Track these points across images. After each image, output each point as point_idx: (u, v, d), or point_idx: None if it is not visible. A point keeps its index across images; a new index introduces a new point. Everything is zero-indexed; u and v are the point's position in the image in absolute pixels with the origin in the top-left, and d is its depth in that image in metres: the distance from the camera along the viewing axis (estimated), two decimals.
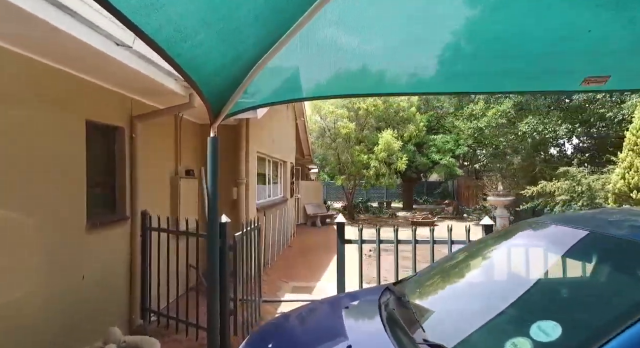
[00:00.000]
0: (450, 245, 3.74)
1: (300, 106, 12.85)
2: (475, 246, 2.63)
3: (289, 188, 11.68)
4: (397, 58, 2.29)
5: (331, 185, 26.81)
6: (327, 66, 2.45)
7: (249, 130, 6.45)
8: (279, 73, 2.66)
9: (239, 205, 6.19)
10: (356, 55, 2.26)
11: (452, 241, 3.77)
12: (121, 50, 2.87)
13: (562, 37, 1.97)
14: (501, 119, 11.58)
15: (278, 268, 7.69)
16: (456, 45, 2.07)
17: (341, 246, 3.82)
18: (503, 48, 2.09)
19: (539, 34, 1.98)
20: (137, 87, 3.91)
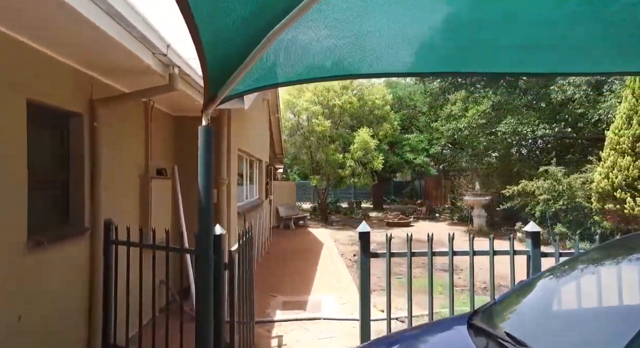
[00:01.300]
0: (492, 256, 3.17)
1: (275, 101, 12.03)
2: (581, 262, 2.04)
3: (264, 189, 10.83)
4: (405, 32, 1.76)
5: (300, 185, 26.07)
6: (349, 39, 1.90)
7: (231, 124, 5.60)
8: (292, 46, 2.04)
9: (220, 209, 5.32)
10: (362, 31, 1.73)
11: (494, 251, 3.20)
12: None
13: None
14: (481, 120, 11.45)
15: (261, 278, 6.85)
16: (461, 15, 1.54)
17: (365, 260, 3.13)
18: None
19: None
20: (101, 62, 3.00)
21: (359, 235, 3.15)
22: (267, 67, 2.44)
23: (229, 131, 5.50)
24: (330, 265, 8.18)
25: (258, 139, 9.33)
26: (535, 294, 1.89)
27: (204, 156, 2.69)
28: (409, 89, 19.65)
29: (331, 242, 11.36)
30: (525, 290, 1.95)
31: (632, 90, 8.32)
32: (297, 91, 15.56)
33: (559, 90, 10.45)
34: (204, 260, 2.75)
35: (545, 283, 1.96)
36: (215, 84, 2.28)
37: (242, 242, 3.38)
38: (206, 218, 2.64)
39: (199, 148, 2.66)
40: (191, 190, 5.29)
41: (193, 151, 2.23)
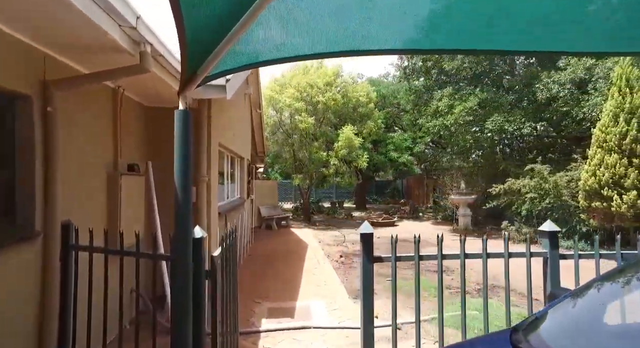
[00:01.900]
0: (507, 259, 2.86)
1: (257, 96, 11.55)
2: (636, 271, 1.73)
3: (246, 189, 10.34)
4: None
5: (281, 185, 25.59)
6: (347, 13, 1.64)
7: (212, 116, 5.14)
8: (281, 19, 1.75)
9: (199, 209, 4.85)
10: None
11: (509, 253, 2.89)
12: None
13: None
14: (468, 117, 11.33)
15: (243, 283, 6.40)
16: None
17: (368, 265, 2.77)
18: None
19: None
20: (55, 35, 2.51)
21: (361, 237, 2.79)
22: (252, 43, 2.12)
23: (209, 123, 5.04)
24: (316, 267, 7.80)
25: (240, 135, 8.86)
26: (585, 307, 1.58)
27: (182, 146, 2.31)
28: (392, 87, 19.51)
29: (315, 242, 10.98)
30: (571, 303, 1.63)
31: (618, 87, 8.32)
32: (279, 87, 15.10)
33: (544, 89, 10.44)
34: (181, 268, 2.35)
35: (595, 295, 1.64)
36: (194, 60, 1.98)
37: (225, 245, 2.95)
38: (184, 220, 2.27)
39: (175, 137, 2.29)
40: (167, 189, 4.81)
41: (169, 146, 1.87)
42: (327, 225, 15.16)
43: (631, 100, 8.08)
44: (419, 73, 14.87)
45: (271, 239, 11.65)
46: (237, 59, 2.34)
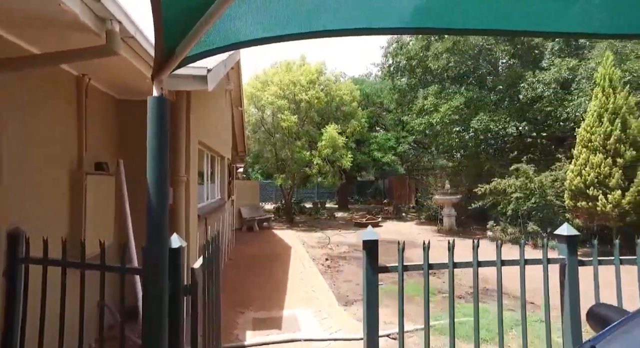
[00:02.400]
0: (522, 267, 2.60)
1: (238, 93, 11.09)
2: None
3: (227, 189, 9.89)
4: None
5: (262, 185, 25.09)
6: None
7: (191, 110, 4.72)
8: None
9: (177, 212, 4.43)
10: None
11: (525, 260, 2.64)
12: None
13: None
14: (454, 115, 11.24)
15: (225, 289, 5.99)
16: None
17: (372, 277, 2.44)
18: None
19: None
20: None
21: (364, 245, 2.46)
22: (237, 20, 1.78)
23: (188, 118, 4.62)
24: (302, 271, 7.46)
25: (221, 132, 8.41)
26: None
27: (156, 140, 1.93)
28: (375, 86, 19.36)
29: (299, 244, 10.64)
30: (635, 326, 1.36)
31: (602, 88, 8.35)
32: (261, 84, 14.66)
33: (529, 88, 10.45)
34: (155, 284, 1.95)
35: None
36: (172, 37, 1.58)
37: (207, 255, 2.58)
38: (158, 227, 1.89)
39: (148, 129, 1.90)
40: (142, 191, 4.37)
41: (144, 143, 1.52)
42: (310, 226, 14.83)
43: (614, 101, 8.13)
44: (403, 71, 14.74)
45: (253, 241, 11.22)
46: (222, 36, 1.98)
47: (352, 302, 5.63)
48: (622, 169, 7.86)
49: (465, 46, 10.93)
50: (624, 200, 7.71)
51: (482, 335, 4.36)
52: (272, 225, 14.68)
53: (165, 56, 2.08)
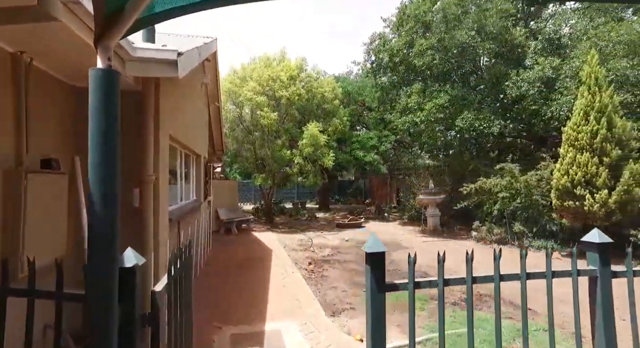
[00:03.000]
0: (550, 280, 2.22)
1: (215, 88, 10.48)
2: None
3: (203, 190, 9.27)
4: None
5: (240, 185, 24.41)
6: None
7: (160, 101, 4.17)
8: None
9: (143, 215, 3.88)
10: None
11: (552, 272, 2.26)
12: None
13: None
14: (439, 114, 11.01)
15: (200, 300, 5.45)
16: None
17: (378, 295, 1.99)
18: None
19: None
20: None
21: (367, 258, 2.02)
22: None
23: (157, 110, 4.08)
24: (284, 277, 6.98)
25: (196, 129, 7.82)
26: None
27: (100, 123, 1.50)
28: (357, 84, 19.04)
29: (280, 247, 10.15)
30: None
31: (587, 86, 8.27)
32: (239, 80, 14.05)
33: (513, 86, 10.34)
34: (100, 313, 1.50)
35: None
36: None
37: (175, 272, 2.08)
38: (104, 238, 1.55)
39: (90, 109, 1.52)
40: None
41: None
42: (291, 228, 14.34)
43: (600, 99, 8.06)
44: (385, 69, 14.46)
45: (232, 245, 10.65)
46: None
47: (339, 311, 5.20)
48: (609, 168, 7.79)
49: (451, 43, 10.73)
50: (610, 200, 7.64)
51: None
52: (251, 227, 14.11)
53: (111, 16, 1.59)
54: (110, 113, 1.49)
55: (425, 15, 12.30)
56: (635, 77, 8.59)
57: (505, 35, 10.88)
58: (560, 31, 10.79)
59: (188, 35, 7.45)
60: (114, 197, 1.49)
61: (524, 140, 12.89)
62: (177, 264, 2.14)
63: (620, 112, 8.27)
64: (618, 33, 9.17)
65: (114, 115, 1.51)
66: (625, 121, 8.12)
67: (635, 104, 8.70)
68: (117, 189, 1.49)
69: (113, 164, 1.51)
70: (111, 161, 1.50)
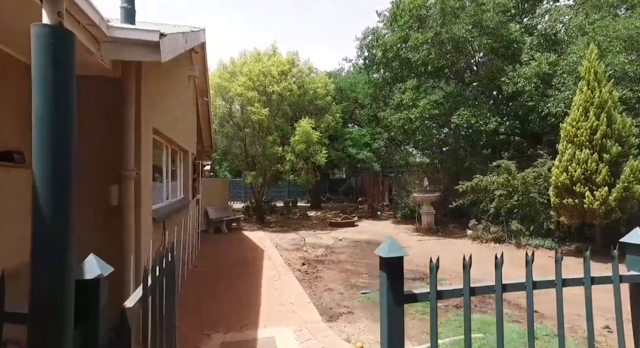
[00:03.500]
0: (588, 287, 1.94)
1: (203, 82, 10.07)
2: None
3: (191, 187, 8.88)
4: None
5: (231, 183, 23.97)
6: None
7: (142, 90, 3.80)
8: None
9: (123, 215, 3.52)
10: None
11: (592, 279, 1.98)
12: None
13: None
14: (434, 110, 10.77)
15: (188, 306, 5.09)
16: None
17: (395, 308, 1.67)
18: None
19: None
20: None
21: (382, 263, 1.70)
22: None
23: (138, 99, 3.71)
24: (276, 279, 6.65)
25: (183, 123, 7.43)
26: None
27: (46, 97, 1.23)
28: (349, 81, 18.74)
29: (272, 247, 9.80)
30: None
31: (587, 81, 8.11)
32: (229, 74, 13.63)
33: (509, 82, 10.16)
34: (48, 338, 1.17)
35: None
36: None
37: (151, 284, 1.74)
38: (52, 243, 1.18)
39: (33, 78, 1.21)
40: (81, 188, 3.46)
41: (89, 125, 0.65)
42: (283, 227, 14.00)
43: (600, 94, 7.90)
44: (378, 65, 14.19)
45: (221, 245, 10.27)
46: None
47: (337, 316, 4.90)
48: (609, 164, 7.64)
49: (447, 37, 10.48)
50: (610, 197, 7.48)
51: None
52: (241, 226, 13.72)
53: None
54: (60, 85, 1.16)
55: (420, 9, 12.05)
56: (634, 72, 8.46)
57: (501, 30, 10.68)
58: (556, 27, 10.63)
59: (174, 25, 7.05)
60: (66, 192, 1.16)
61: (517, 137, 12.76)
62: (155, 272, 1.80)
63: (619, 107, 8.13)
64: (615, 28, 9.04)
65: (66, 89, 1.17)
66: (625, 117, 7.98)
67: (634, 100, 8.57)
68: (69, 181, 1.16)
69: (67, 151, 1.18)
70: (64, 146, 1.17)
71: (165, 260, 2.02)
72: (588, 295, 1.91)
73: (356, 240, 10.84)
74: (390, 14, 13.43)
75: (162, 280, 1.91)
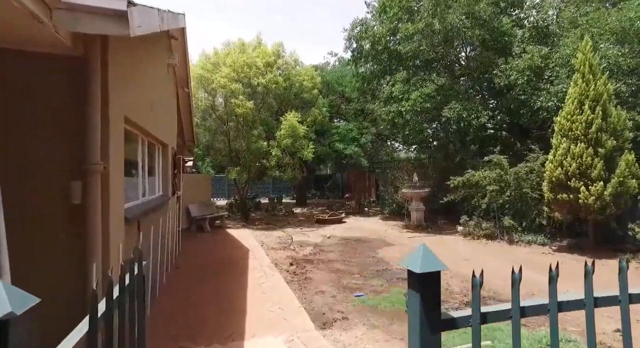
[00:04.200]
0: None
1: (184, 72, 9.49)
2: None
3: (171, 184, 8.33)
4: None
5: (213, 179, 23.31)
6: None
7: (111, 72, 3.30)
8: None
9: (87, 215, 3.04)
10: None
11: None
12: None
13: None
14: (425, 103, 10.47)
15: (164, 313, 4.63)
16: None
17: (431, 337, 1.29)
18: None
19: None
20: None
21: (414, 280, 1.32)
22: None
23: (104, 80, 3.20)
24: (263, 281, 6.23)
25: (162, 115, 6.88)
26: None
27: None
28: (336, 74, 18.32)
29: (258, 246, 9.36)
30: None
31: (581, 74, 7.93)
32: (212, 66, 13.02)
33: (502, 75, 9.94)
34: None
35: None
36: None
37: (108, 306, 1.31)
38: None
39: None
40: (36, 185, 2.99)
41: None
42: (268, 224, 13.55)
43: (595, 87, 7.73)
44: (366, 57, 13.81)
45: (204, 244, 9.77)
46: None
47: (331, 322, 4.51)
48: (604, 159, 7.49)
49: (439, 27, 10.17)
50: (605, 192, 7.34)
51: None
52: (225, 224, 13.20)
53: None
54: None
55: (410, 1, 11.72)
56: (627, 65, 8.33)
57: (493, 22, 10.45)
58: (548, 19, 10.47)
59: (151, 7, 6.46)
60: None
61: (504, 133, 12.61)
62: (124, 281, 1.36)
63: (614, 100, 8.00)
64: (607, 21, 8.91)
65: None
66: (620, 110, 7.84)
67: (627, 94, 8.46)
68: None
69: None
70: None
71: (128, 275, 1.58)
72: (625, 311, 1.56)
73: (345, 237, 10.49)
74: (379, 4, 13.06)
75: (123, 302, 1.48)
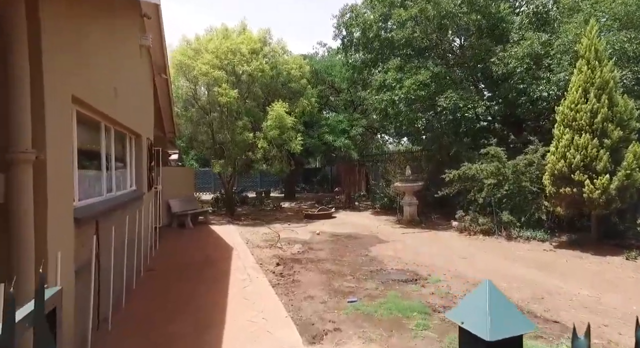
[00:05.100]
0: None
1: (160, 56, 8.73)
2: None
3: (146, 177, 7.63)
4: None
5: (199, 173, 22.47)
6: None
7: (44, 37, 2.63)
8: None
9: (15, 217, 2.39)
10: None
11: None
12: None
13: None
14: (420, 91, 9.93)
15: (135, 323, 3.99)
16: None
17: None
18: None
19: None
20: None
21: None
22: None
23: (37, 46, 2.54)
24: (247, 284, 5.63)
25: (133, 101, 6.17)
26: None
27: None
28: (325, 63, 17.64)
29: (243, 244, 8.74)
30: None
31: (586, 60, 7.47)
32: (193, 52, 12.22)
33: (500, 63, 9.45)
34: None
35: None
36: None
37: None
38: None
39: None
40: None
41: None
42: (254, 220, 12.91)
43: (601, 74, 7.28)
44: (357, 46, 13.18)
45: (184, 242, 9.10)
46: None
47: (321, 335, 3.94)
48: (610, 150, 7.06)
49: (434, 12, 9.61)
50: (612, 186, 6.92)
51: None
52: (209, 220, 12.52)
53: None
54: None
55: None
56: (633, 51, 7.91)
57: (490, 7, 9.94)
58: (548, 4, 10.00)
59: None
60: None
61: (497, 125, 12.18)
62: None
63: (620, 88, 7.57)
64: (610, 5, 8.47)
65: None
66: (627, 99, 7.41)
67: (634, 81, 8.04)
68: None
69: None
70: None
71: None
72: None
73: (336, 234, 9.94)
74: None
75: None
